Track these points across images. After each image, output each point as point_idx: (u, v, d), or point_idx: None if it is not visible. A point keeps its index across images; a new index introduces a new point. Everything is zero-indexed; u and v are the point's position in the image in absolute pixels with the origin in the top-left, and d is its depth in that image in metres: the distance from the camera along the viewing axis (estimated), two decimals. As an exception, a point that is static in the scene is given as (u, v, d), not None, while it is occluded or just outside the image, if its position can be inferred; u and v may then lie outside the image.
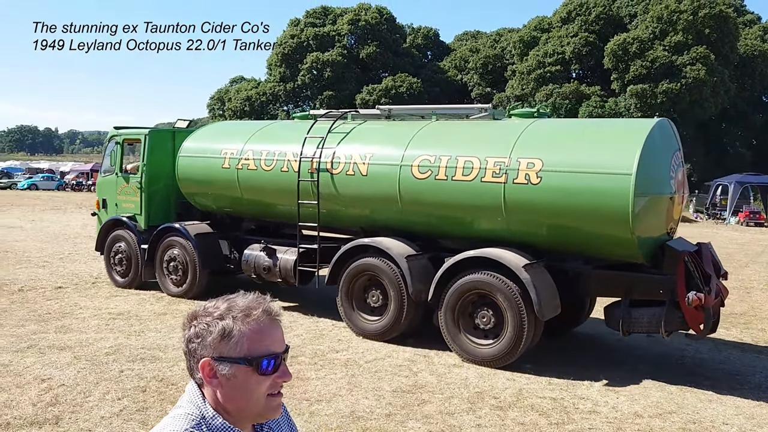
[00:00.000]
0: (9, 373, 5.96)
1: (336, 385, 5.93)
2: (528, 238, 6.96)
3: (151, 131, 10.31)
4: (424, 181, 7.29)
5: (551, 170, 6.52)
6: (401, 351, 7.08)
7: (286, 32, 52.19)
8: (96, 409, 5.19)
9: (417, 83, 47.42)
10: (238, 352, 1.42)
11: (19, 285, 10.02)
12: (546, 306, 6.51)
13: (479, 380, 6.18)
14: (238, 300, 1.47)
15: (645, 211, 6.27)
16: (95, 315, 8.31)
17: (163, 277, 9.71)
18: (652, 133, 6.40)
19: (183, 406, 1.47)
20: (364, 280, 7.75)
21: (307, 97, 51.03)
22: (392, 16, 53.03)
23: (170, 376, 6.00)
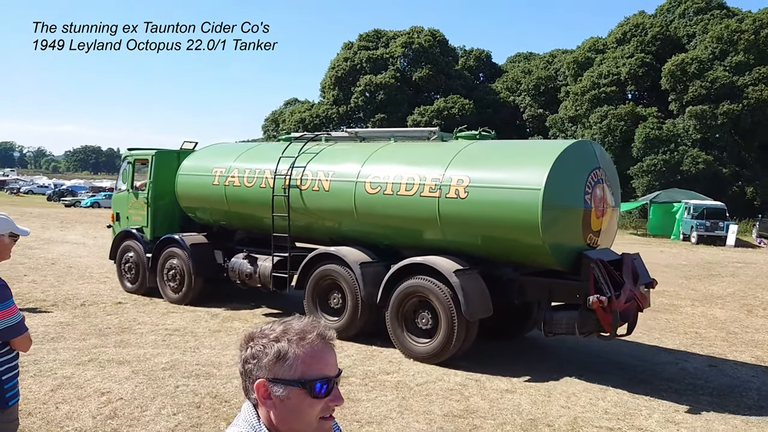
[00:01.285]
0: (71, 385, 6.16)
1: (387, 407, 5.90)
2: (462, 247, 7.75)
3: (157, 152, 11.33)
4: (375, 196, 8.22)
5: (476, 186, 7.38)
6: (452, 374, 7.01)
7: (339, 55, 53.03)
8: (152, 423, 5.30)
9: (469, 105, 47.40)
10: (292, 375, 1.44)
11: (82, 300, 10.37)
12: (474, 308, 7.23)
13: (532, 407, 6.06)
14: (293, 323, 1.50)
15: (554, 222, 6.97)
16: (152, 330, 8.52)
17: (163, 284, 10.64)
18: (564, 154, 7.17)
19: (239, 424, 1.50)
20: (326, 285, 8.64)
21: (360, 119, 51.58)
22: (445, 39, 53.30)
23: (224, 393, 6.08)
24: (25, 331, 3.33)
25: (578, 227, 7.23)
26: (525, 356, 7.89)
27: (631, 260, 7.51)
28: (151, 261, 10.72)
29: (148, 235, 11.07)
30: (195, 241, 10.49)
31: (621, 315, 6.94)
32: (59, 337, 7.94)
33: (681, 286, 14.56)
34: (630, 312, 7.24)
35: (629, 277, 7.28)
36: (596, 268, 6.90)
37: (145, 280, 10.93)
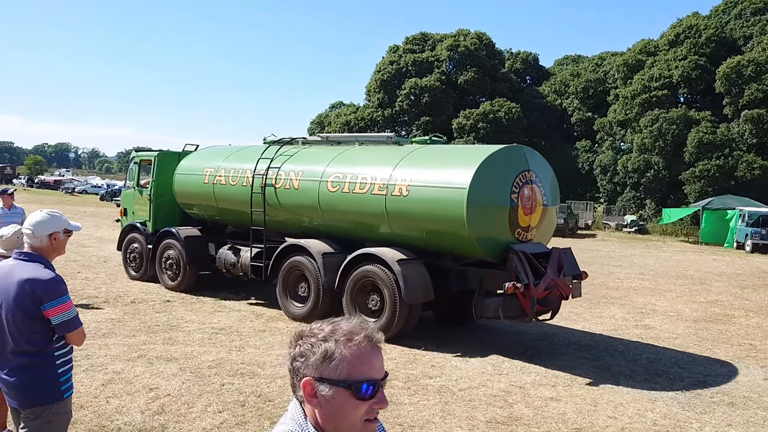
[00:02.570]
0: (121, 380, 6.32)
1: (429, 411, 5.87)
2: (408, 239, 8.68)
3: (160, 153, 12.51)
4: (335, 194, 9.18)
5: (416, 185, 8.33)
6: (496, 381, 6.93)
7: (385, 58, 53.17)
8: (198, 420, 5.40)
9: (515, 108, 46.91)
10: (338, 375, 1.45)
11: (132, 297, 10.64)
12: (413, 293, 8.18)
13: (578, 416, 5.94)
14: (342, 324, 1.50)
15: (479, 217, 7.85)
16: (199, 329, 8.69)
17: (162, 272, 11.69)
18: (491, 157, 8.10)
19: (286, 422, 1.51)
20: (295, 274, 9.52)
21: (405, 122, 51.61)
22: (491, 41, 52.89)
23: (268, 392, 6.15)
24: (80, 326, 3.43)
25: (505, 223, 8.05)
26: (569, 364, 7.74)
27: (558, 254, 8.28)
28: (152, 252, 11.80)
29: (150, 229, 12.15)
30: (189, 234, 11.48)
31: (542, 301, 7.87)
32: (110, 333, 8.16)
33: (735, 295, 14.10)
34: (552, 299, 8.10)
35: (553, 268, 8.04)
36: (515, 258, 7.80)
37: (147, 269, 12.08)
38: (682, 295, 13.67)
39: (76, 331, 3.39)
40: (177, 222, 12.07)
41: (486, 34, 52.67)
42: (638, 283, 15.08)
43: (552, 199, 8.83)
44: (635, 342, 9.04)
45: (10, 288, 3.29)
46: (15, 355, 3.33)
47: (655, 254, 23.80)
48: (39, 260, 3.38)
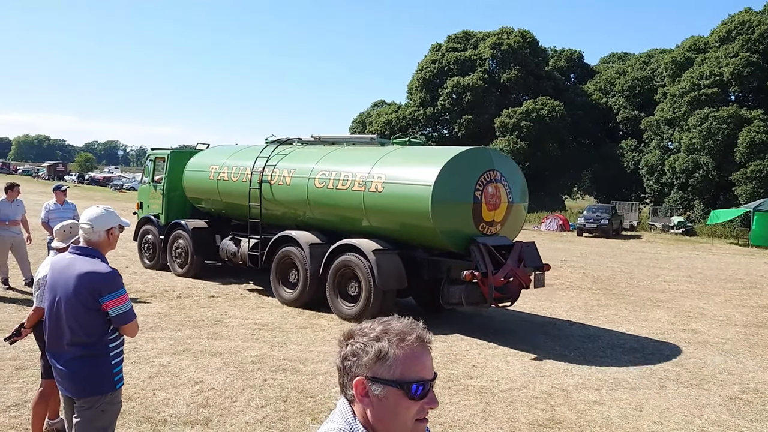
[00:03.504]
0: (167, 373, 6.46)
1: (470, 412, 5.85)
2: (385, 232, 9.46)
3: (172, 151, 13.51)
4: (321, 190, 10.02)
5: (389, 182, 9.12)
6: (538, 382, 6.86)
7: (427, 57, 53.01)
8: (241, 414, 5.49)
9: (559, 107, 46.24)
10: (391, 375, 1.45)
11: (178, 292, 10.87)
12: (387, 280, 8.96)
13: (622, 420, 5.83)
14: (393, 323, 1.51)
15: (443, 212, 8.61)
16: (242, 324, 8.82)
17: (172, 260, 12.66)
18: (455, 158, 8.84)
19: (334, 420, 1.52)
20: (287, 263, 10.32)
21: (446, 121, 51.37)
22: (535, 39, 52.23)
23: (309, 389, 6.21)
24: (135, 318, 3.54)
25: (469, 217, 8.78)
26: (614, 368, 7.60)
27: (520, 247, 9.03)
28: (163, 242, 12.77)
29: (162, 221, 13.10)
30: (196, 225, 12.43)
31: (502, 289, 8.68)
32: (157, 326, 8.35)
33: (788, 300, 13.62)
34: (512, 287, 8.89)
35: (514, 259, 8.78)
36: (475, 249, 8.55)
37: (159, 258, 13.00)
38: (732, 299, 13.28)
39: (131, 323, 3.51)
40: (187, 215, 13.02)
41: (530, 32, 52.07)
42: (685, 286, 14.71)
43: (519, 196, 9.55)
44: (682, 346, 8.83)
45: (70, 281, 3.40)
46: (71, 346, 3.45)
47: (703, 257, 23.18)
48: (96, 254, 3.50)
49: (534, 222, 36.68)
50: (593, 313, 10.93)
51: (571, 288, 13.69)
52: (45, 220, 10.29)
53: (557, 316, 10.57)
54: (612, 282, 14.82)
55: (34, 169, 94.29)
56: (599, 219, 30.44)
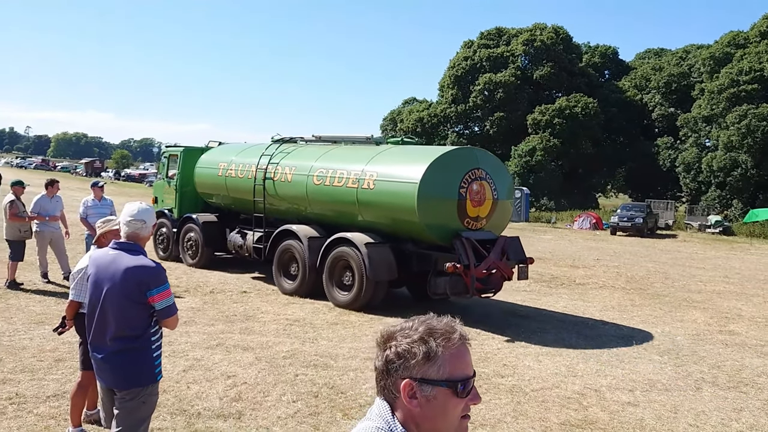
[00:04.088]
0: (201, 367, 6.56)
1: (501, 411, 5.81)
2: (377, 226, 9.98)
3: (185, 149, 14.33)
4: (319, 187, 10.57)
5: (380, 179, 9.67)
6: (570, 383, 6.78)
7: (459, 54, 52.73)
8: (273, 409, 5.54)
9: (592, 104, 45.59)
10: (440, 375, 1.47)
11: (211, 287, 11.02)
12: (378, 272, 9.54)
13: (656, 422, 5.74)
14: (434, 323, 1.51)
15: (428, 207, 9.16)
16: (274, 320, 8.90)
17: (183, 252, 13.32)
18: (441, 157, 9.40)
19: (372, 419, 1.51)
20: (288, 255, 10.87)
21: (478, 118, 51.05)
22: (568, 36, 51.56)
23: (340, 385, 6.24)
24: (177, 311, 3.64)
25: (453, 213, 9.29)
26: (648, 369, 7.48)
27: (504, 241, 9.63)
28: (176, 234, 13.47)
29: (175, 215, 13.90)
30: (206, 219, 13.10)
31: (484, 280, 9.26)
32: (191, 321, 8.48)
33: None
34: (494, 279, 9.46)
35: (497, 252, 9.35)
36: (458, 243, 9.09)
37: (172, 250, 13.72)
38: (771, 300, 12.95)
39: (173, 317, 3.62)
40: (199, 209, 13.67)
41: (563, 27, 51.42)
42: (722, 287, 14.40)
43: (505, 193, 10.03)
44: (719, 348, 8.65)
45: (117, 275, 3.48)
46: (115, 339, 3.53)
47: (741, 257, 22.64)
48: (139, 249, 3.61)
49: (566, 220, 36.25)
50: (627, 313, 10.77)
51: (604, 288, 13.51)
52: (83, 216, 10.52)
53: (590, 315, 10.44)
54: (646, 282, 14.59)
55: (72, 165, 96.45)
56: (633, 218, 29.92)
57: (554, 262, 17.31)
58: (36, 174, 64.47)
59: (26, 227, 10.38)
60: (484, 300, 11.18)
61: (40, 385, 5.81)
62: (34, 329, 7.66)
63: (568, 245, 23.22)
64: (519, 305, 11.03)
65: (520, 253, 9.84)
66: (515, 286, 13.04)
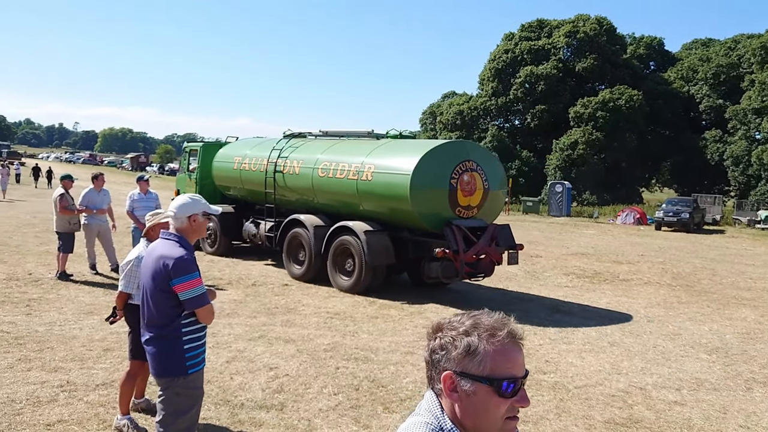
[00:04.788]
0: (243, 358, 6.65)
1: (543, 407, 5.74)
2: (375, 215, 10.62)
3: (204, 144, 15.41)
4: (323, 178, 11.27)
5: (378, 171, 10.31)
6: (614, 380, 6.66)
7: (499, 47, 52.12)
8: (314, 401, 5.58)
9: (637, 96, 44.56)
10: (481, 371, 1.43)
11: (253, 280, 11.16)
12: (376, 258, 10.13)
13: (705, 422, 5.59)
14: (483, 318, 1.48)
15: (420, 197, 9.76)
16: (315, 313, 8.97)
17: (203, 241, 13.86)
18: (433, 150, 9.98)
19: (421, 414, 1.50)
20: (296, 242, 11.58)
21: (519, 111, 50.40)
22: (612, 26, 50.46)
23: (381, 378, 6.25)
24: (207, 303, 3.62)
25: (445, 202, 9.88)
26: (696, 367, 7.29)
27: (493, 228, 10.19)
28: None
29: None
30: (223, 210, 13.61)
31: (473, 265, 9.90)
32: (233, 313, 8.61)
33: None
34: (484, 264, 10.07)
35: (486, 239, 9.91)
36: (448, 230, 9.69)
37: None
38: (826, 298, 12.48)
39: (203, 308, 3.59)
40: (217, 201, 14.14)
41: (607, 18, 50.34)
42: (774, 284, 13.93)
43: (497, 184, 10.54)
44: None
45: (150, 264, 3.59)
46: (148, 326, 3.63)
47: (793, 253, 21.88)
48: (177, 239, 3.64)
49: (609, 215, 35.58)
50: (673, 311, 10.52)
51: (649, 284, 13.22)
52: (129, 209, 10.76)
53: (634, 312, 10.23)
54: (693, 278, 14.22)
55: (118, 160, 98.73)
56: (679, 212, 29.16)
57: (597, 258, 17.02)
58: (84, 168, 66.13)
59: (75, 220, 10.67)
60: (525, 295, 11.11)
61: (89, 373, 5.97)
62: (83, 319, 7.88)
63: (611, 240, 22.80)
64: (561, 301, 10.87)
65: (510, 239, 10.43)
66: (557, 282, 12.87)
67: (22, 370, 5.97)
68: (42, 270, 10.93)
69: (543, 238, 22.10)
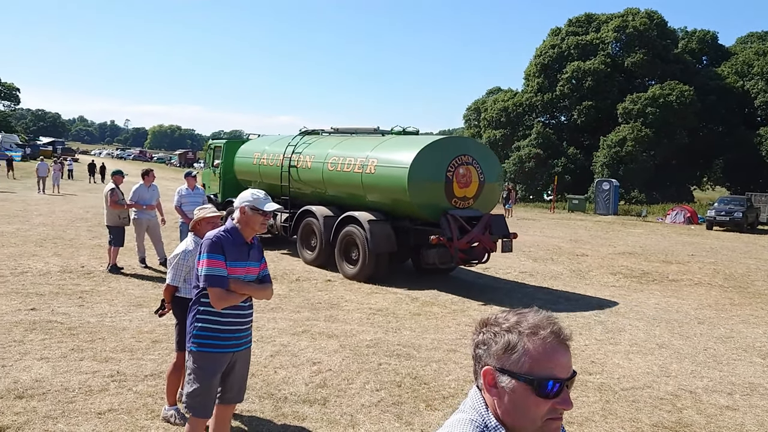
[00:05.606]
0: (287, 353, 6.72)
1: (589, 409, 5.64)
2: (378, 206, 11.37)
3: (227, 141, 16.50)
4: (332, 172, 12.10)
5: (380, 164, 11.04)
6: (663, 383, 6.49)
7: (546, 42, 51.36)
8: (357, 396, 5.60)
9: (688, 91, 43.30)
10: (520, 368, 1.40)
11: (296, 275, 11.27)
12: (379, 246, 10.86)
13: (758, 428, 5.40)
14: (528, 316, 1.45)
15: (418, 188, 10.47)
16: (358, 309, 9.00)
17: None
18: (431, 144, 10.67)
19: (466, 410, 1.48)
20: (308, 231, 12.64)
21: (565, 107, 49.57)
22: (663, 20, 49.15)
23: (423, 375, 6.24)
24: (216, 286, 3.63)
25: (441, 193, 10.58)
26: (749, 371, 7.05)
27: (488, 218, 10.84)
28: None
29: (219, 199, 15.65)
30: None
31: (468, 252, 10.60)
32: (277, 308, 8.70)
33: None
34: (477, 251, 10.77)
35: (480, 228, 10.56)
36: (443, 219, 10.38)
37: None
38: None
39: (211, 289, 3.65)
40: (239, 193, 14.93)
41: (657, 12, 49.06)
42: (833, 287, 13.37)
43: (493, 177, 11.24)
44: (829, 352, 8.03)
45: None
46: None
47: None
48: (227, 225, 3.84)
49: (658, 214, 34.72)
50: (725, 313, 10.20)
51: (700, 285, 12.85)
52: (178, 205, 10.99)
53: (684, 313, 9.96)
54: (746, 280, 13.76)
55: (167, 156, 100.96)
56: (732, 212, 28.23)
57: (645, 257, 16.62)
58: (134, 164, 67.80)
59: (125, 214, 10.95)
60: (571, 294, 10.94)
61: (138, 364, 6.12)
62: (133, 311, 8.09)
63: (660, 240, 22.24)
64: (608, 301, 10.66)
65: (504, 228, 11.03)
66: (604, 281, 12.63)
67: (75, 359, 6.16)
68: (94, 263, 11.26)
69: (589, 237, 21.71)
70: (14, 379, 5.54)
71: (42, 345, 6.54)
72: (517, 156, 46.57)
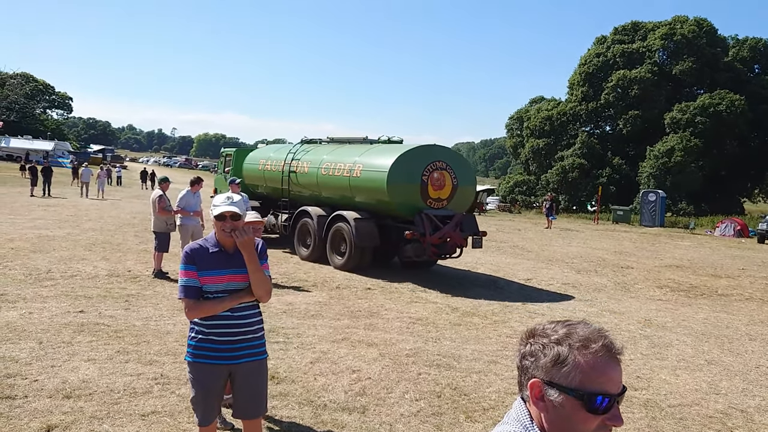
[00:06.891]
0: (327, 360, 6.73)
1: (634, 425, 5.49)
2: (364, 206, 12.86)
3: (237, 150, 18.40)
4: (325, 176, 13.69)
5: (364, 169, 12.57)
6: (712, 400, 6.28)
7: (590, 51, 50.68)
8: (396, 406, 5.56)
9: (739, 101, 42.10)
10: (569, 382, 1.35)
11: (337, 283, 11.31)
12: (363, 240, 12.37)
13: (815, 451, 5.17)
14: (578, 328, 1.40)
15: (396, 190, 11.96)
16: (398, 317, 8.97)
17: None
18: (408, 152, 12.18)
19: (510, 423, 1.44)
20: (304, 229, 14.10)
21: (610, 116, 48.78)
22: (713, 28, 48.01)
23: (463, 386, 6.17)
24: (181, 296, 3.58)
25: (417, 194, 12.04)
26: (805, 391, 6.76)
27: (460, 216, 12.19)
28: None
29: None
30: (251, 205, 14.42)
31: (440, 246, 11.89)
32: (318, 315, 8.74)
33: None
34: (449, 246, 12.04)
35: (452, 226, 11.88)
36: (417, 217, 11.81)
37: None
38: None
39: (181, 299, 3.61)
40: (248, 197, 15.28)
41: (707, 20, 47.96)
42: None
43: (466, 181, 12.68)
44: None
45: None
46: None
47: None
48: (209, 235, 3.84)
49: (707, 226, 33.76)
50: (778, 329, 9.82)
51: (751, 300, 12.43)
52: (221, 211, 11.17)
53: (735, 329, 9.63)
54: (801, 295, 13.24)
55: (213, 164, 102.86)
56: (785, 225, 27.29)
57: (693, 271, 16.17)
58: (180, 172, 69.21)
59: (171, 220, 11.17)
60: (616, 307, 10.71)
61: (181, 368, 6.20)
62: (177, 315, 8.22)
63: (709, 253, 21.61)
64: (654, 314, 10.39)
65: (474, 227, 12.59)
66: (650, 295, 12.32)
67: (120, 361, 6.29)
68: (140, 267, 11.51)
69: (634, 249, 21.24)
70: (63, 379, 5.68)
71: (89, 347, 6.69)
72: (561, 166, 45.98)
